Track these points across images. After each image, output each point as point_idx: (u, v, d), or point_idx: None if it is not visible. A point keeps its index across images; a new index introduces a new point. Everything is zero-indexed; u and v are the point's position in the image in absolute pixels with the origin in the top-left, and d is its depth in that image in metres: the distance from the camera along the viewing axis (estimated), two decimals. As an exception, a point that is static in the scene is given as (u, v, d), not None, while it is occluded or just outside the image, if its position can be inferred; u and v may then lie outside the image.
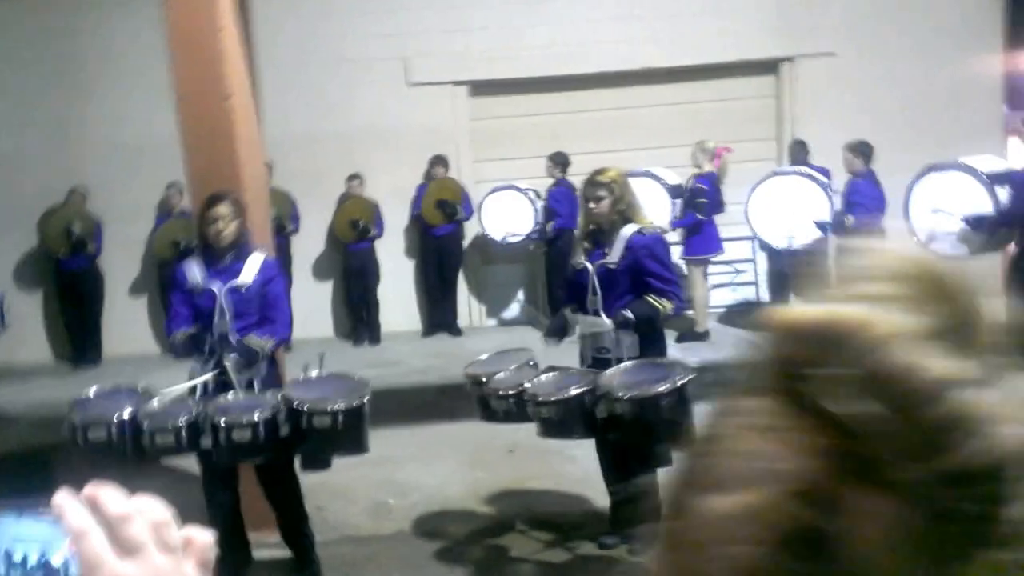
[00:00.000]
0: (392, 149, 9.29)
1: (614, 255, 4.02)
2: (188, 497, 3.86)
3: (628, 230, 4.03)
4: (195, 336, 3.91)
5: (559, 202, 8.43)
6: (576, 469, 4.64)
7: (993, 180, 6.44)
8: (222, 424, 3.57)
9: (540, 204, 8.64)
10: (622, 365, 3.85)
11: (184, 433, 3.60)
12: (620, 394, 3.62)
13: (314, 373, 4.00)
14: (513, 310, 9.85)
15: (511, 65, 9.28)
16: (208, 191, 4.08)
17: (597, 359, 4.00)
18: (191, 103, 4.47)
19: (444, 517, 4.85)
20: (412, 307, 9.62)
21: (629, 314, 3.93)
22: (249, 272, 3.97)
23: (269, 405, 3.68)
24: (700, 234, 7.96)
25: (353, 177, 9.06)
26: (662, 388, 3.58)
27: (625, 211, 4.06)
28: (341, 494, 5.13)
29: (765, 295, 9.30)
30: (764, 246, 8.44)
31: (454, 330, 9.26)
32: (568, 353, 4.26)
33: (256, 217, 4.54)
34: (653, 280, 4.01)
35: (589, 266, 4.05)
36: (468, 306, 9.71)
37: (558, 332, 4.29)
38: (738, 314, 9.04)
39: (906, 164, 6.88)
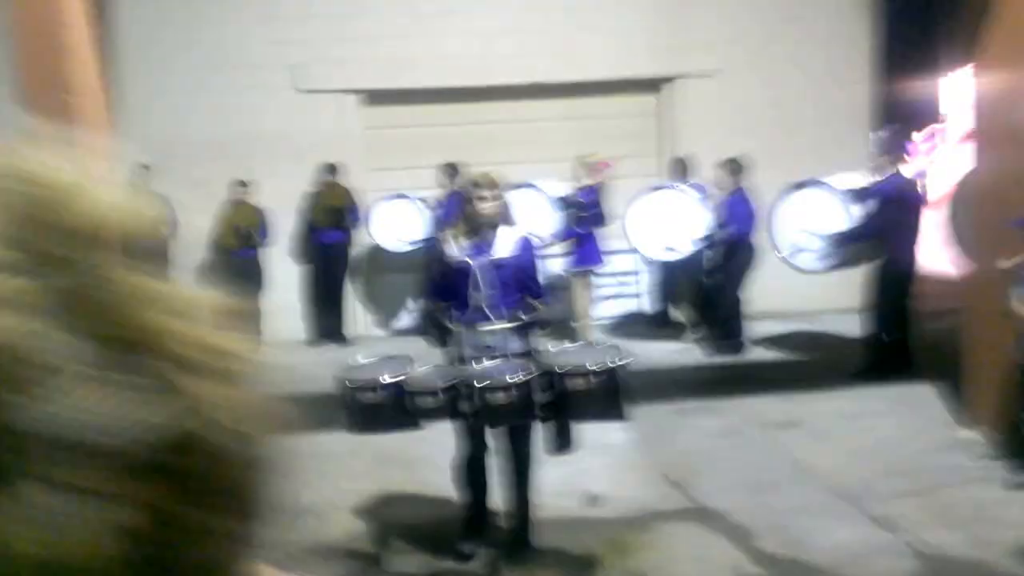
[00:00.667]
0: (282, 157, 9.16)
1: (502, 251, 4.05)
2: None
3: (513, 230, 4.12)
4: None
5: (451, 212, 8.71)
6: (438, 476, 4.61)
7: (853, 198, 6.97)
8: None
9: (431, 214, 8.72)
10: (562, 347, 4.20)
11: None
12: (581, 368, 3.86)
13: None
14: (403, 319, 9.88)
15: (404, 75, 9.36)
16: None
17: (476, 358, 3.98)
18: (35, 98, 4.35)
19: (292, 529, 4.87)
20: (299, 315, 9.50)
21: (527, 318, 4.06)
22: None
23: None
24: (582, 246, 8.17)
25: (240, 184, 8.88)
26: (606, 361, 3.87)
27: (505, 212, 4.12)
28: None
29: (655, 305, 9.70)
30: (646, 259, 8.79)
31: (341, 339, 9.21)
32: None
33: None
34: (533, 282, 4.16)
35: (474, 262, 4.03)
36: (355, 316, 9.67)
37: (442, 334, 4.17)
38: (624, 325, 9.48)
39: (782, 181, 7.34)
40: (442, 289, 4.17)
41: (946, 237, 7.24)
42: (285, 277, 9.40)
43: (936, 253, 7.69)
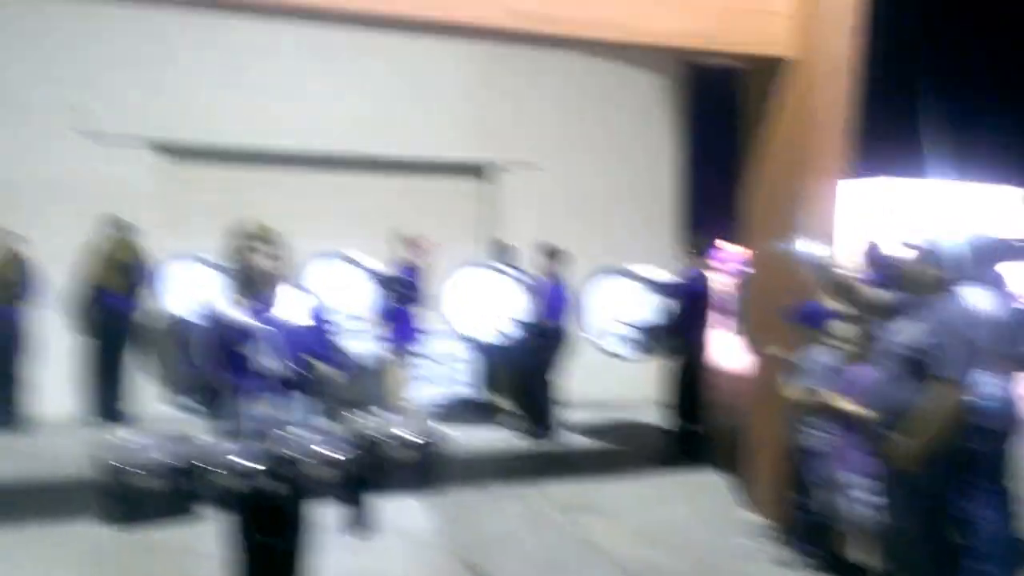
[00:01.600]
0: (62, 207, 8.34)
1: (286, 314, 3.75)
2: None
3: (294, 289, 3.84)
4: None
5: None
6: (211, 568, 4.19)
7: (656, 290, 7.33)
8: None
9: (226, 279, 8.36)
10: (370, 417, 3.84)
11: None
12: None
13: None
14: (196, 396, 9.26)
15: (209, 132, 8.88)
16: None
17: (260, 431, 3.61)
18: None
19: None
20: (70, 389, 8.54)
21: (320, 386, 3.80)
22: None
23: None
24: (398, 325, 8.08)
25: (6, 234, 8.04)
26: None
27: (285, 268, 3.84)
28: None
29: (470, 390, 9.58)
30: (467, 341, 8.63)
31: (119, 418, 8.26)
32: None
33: None
34: (323, 343, 3.86)
35: (259, 325, 3.69)
36: (138, 391, 8.77)
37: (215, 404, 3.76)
38: (440, 408, 9.16)
39: (592, 269, 7.66)
40: (217, 358, 3.76)
41: (734, 331, 7.77)
42: (57, 344, 8.45)
43: (729, 348, 8.18)
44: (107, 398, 8.52)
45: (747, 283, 7.01)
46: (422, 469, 3.78)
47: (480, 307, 8.06)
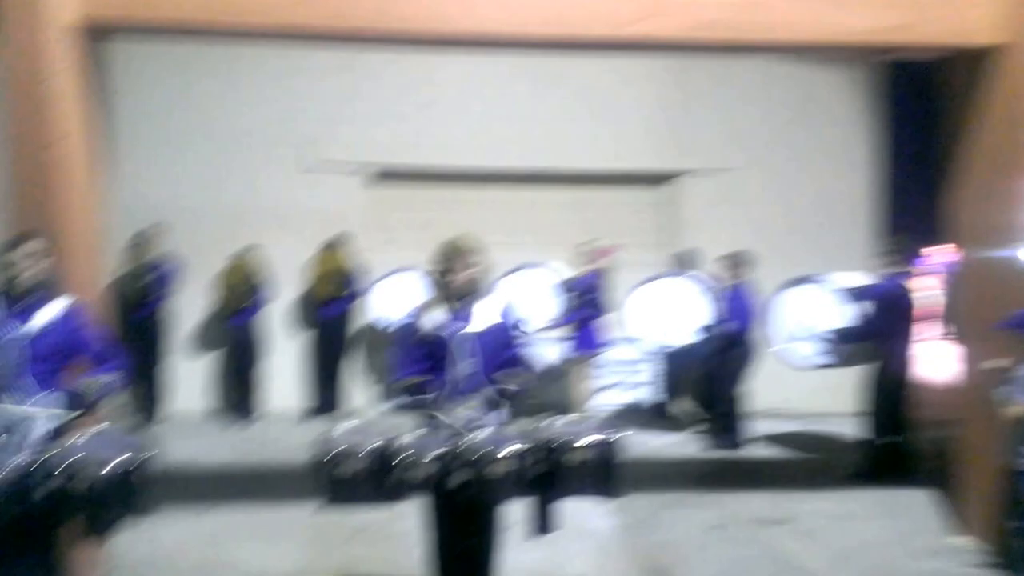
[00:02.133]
0: (287, 229, 9.28)
1: (483, 321, 4.00)
2: None
3: (492, 298, 4.09)
4: None
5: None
6: (415, 555, 4.40)
7: (850, 297, 6.98)
8: None
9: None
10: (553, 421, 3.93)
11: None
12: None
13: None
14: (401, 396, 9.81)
15: (414, 155, 9.49)
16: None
17: (455, 432, 3.85)
18: (19, 146, 4.50)
19: None
20: (296, 388, 9.45)
21: (513, 390, 3.99)
22: (43, 318, 3.79)
23: (23, 463, 3.45)
24: (580, 333, 8.20)
25: (248, 249, 8.94)
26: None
27: (484, 280, 4.11)
28: (156, 571, 5.04)
29: (654, 397, 9.57)
30: (652, 349, 8.64)
31: (336, 414, 9.01)
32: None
33: (78, 273, 4.52)
34: (516, 350, 4.09)
35: (457, 331, 3.97)
36: (353, 391, 9.58)
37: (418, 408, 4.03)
38: (622, 416, 9.19)
39: (782, 277, 7.38)
40: (419, 362, 4.04)
41: (941, 339, 7.26)
42: (283, 348, 9.42)
43: (935, 358, 7.69)
44: (326, 395, 9.31)
45: (955, 289, 6.57)
46: (605, 473, 3.81)
47: (665, 314, 8.01)
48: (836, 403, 8.71)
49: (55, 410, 3.75)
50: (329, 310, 9.21)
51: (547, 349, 9.29)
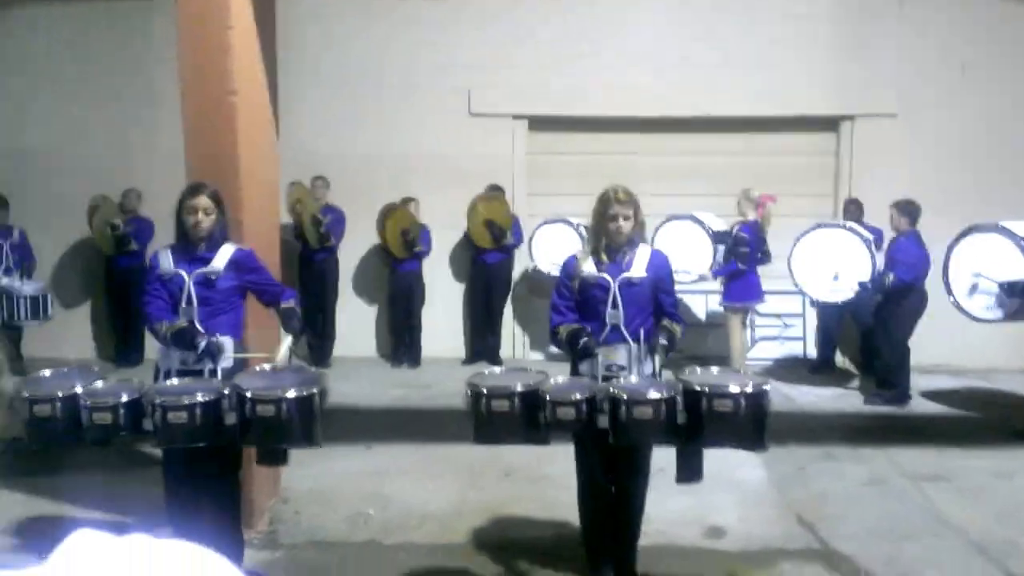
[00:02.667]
0: (448, 176, 9.55)
1: (637, 270, 4.03)
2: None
3: (646, 247, 4.14)
4: (184, 329, 3.98)
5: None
6: (568, 497, 4.47)
7: None
8: (159, 404, 3.61)
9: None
10: (704, 370, 3.95)
11: (122, 411, 3.63)
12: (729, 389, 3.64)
13: (280, 360, 4.08)
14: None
15: (571, 103, 9.52)
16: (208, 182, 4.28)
17: (607, 377, 3.94)
18: (194, 96, 4.63)
19: (419, 531, 4.92)
20: (457, 334, 9.80)
21: (664, 340, 3.99)
22: (220, 261, 4.09)
23: (213, 389, 3.71)
24: (740, 281, 7.97)
25: (408, 200, 9.31)
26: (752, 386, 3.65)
27: (641, 229, 4.13)
28: (324, 500, 5.32)
29: (815, 349, 9.35)
30: (813, 301, 8.41)
31: (496, 360, 9.29)
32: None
33: (253, 216, 4.75)
34: (668, 299, 4.11)
35: (610, 280, 4.03)
36: (512, 338, 9.85)
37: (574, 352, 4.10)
38: (783, 367, 9.18)
39: (959, 225, 7.00)
40: (573, 310, 4.14)
41: None
42: (446, 295, 9.76)
43: None
44: (485, 340, 9.62)
45: None
46: (754, 424, 3.78)
47: (829, 265, 7.72)
48: (1006, 359, 8.26)
49: (236, 345, 4.13)
50: (488, 256, 9.44)
51: (702, 299, 9.27)
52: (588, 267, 4.11)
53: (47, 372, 4.00)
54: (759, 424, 3.79)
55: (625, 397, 3.74)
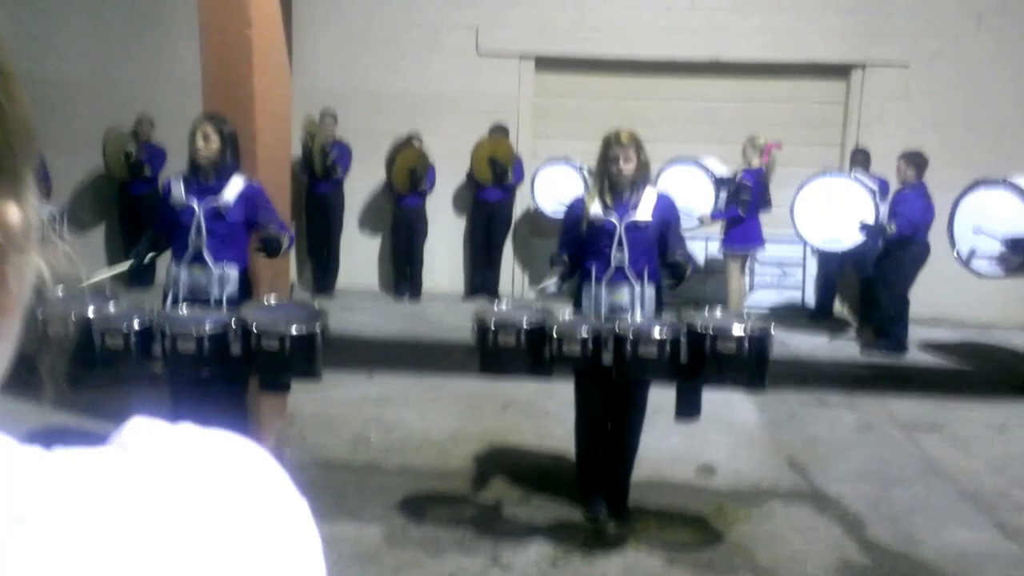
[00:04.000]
0: (454, 114, 9.52)
1: (643, 212, 4.05)
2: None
3: (652, 190, 4.15)
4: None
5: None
6: (564, 431, 4.65)
7: None
8: (168, 332, 3.71)
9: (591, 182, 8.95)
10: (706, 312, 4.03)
11: (133, 338, 3.72)
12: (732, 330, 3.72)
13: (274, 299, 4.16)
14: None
15: (579, 43, 9.42)
16: (223, 113, 4.34)
17: (612, 317, 3.99)
18: (212, 30, 4.66)
19: (418, 456, 5.05)
20: (457, 270, 9.87)
21: (670, 276, 4.08)
22: (230, 193, 4.14)
23: (220, 321, 3.80)
24: (740, 227, 8.00)
25: (413, 137, 9.26)
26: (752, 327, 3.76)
27: (646, 173, 4.15)
28: (327, 425, 5.46)
29: (815, 297, 9.38)
30: (814, 249, 8.47)
31: (494, 296, 9.22)
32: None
33: (266, 148, 4.79)
34: (678, 241, 4.13)
35: (616, 222, 4.05)
36: (512, 275, 9.92)
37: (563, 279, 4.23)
38: (781, 315, 8.85)
39: (966, 179, 6.94)
40: (578, 249, 4.19)
41: None
42: (448, 231, 9.79)
43: None
44: (485, 276, 9.68)
45: None
46: (754, 366, 3.87)
47: (832, 213, 7.70)
48: (1007, 314, 8.32)
49: (242, 275, 4.19)
50: (490, 194, 9.45)
51: (705, 243, 9.30)
52: (595, 209, 4.14)
53: (60, 292, 4.03)
54: (760, 365, 3.89)
55: (631, 336, 3.82)
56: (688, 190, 8.11)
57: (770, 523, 4.38)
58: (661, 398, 4.25)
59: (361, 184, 9.64)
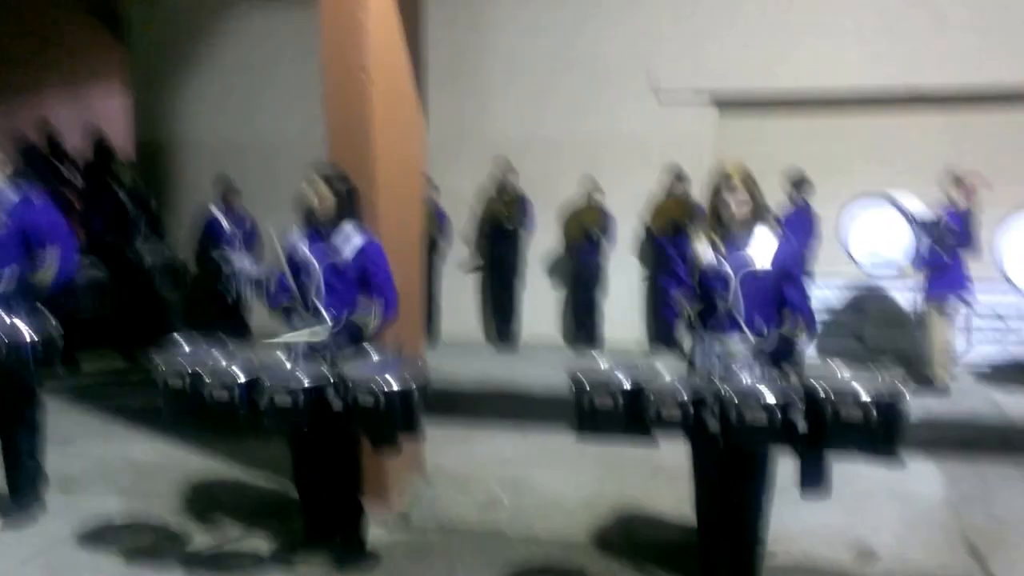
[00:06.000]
0: (632, 159, 9.33)
1: (761, 261, 3.70)
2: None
3: (770, 234, 3.76)
4: (287, 309, 4.19)
5: (791, 225, 7.79)
6: (675, 488, 4.32)
7: None
8: (267, 387, 3.82)
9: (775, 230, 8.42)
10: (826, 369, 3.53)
11: (238, 391, 3.85)
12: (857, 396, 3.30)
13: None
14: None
15: (762, 82, 9.01)
16: (343, 158, 4.42)
17: (721, 371, 3.68)
18: (332, 73, 4.70)
19: (545, 522, 4.83)
20: (638, 321, 9.60)
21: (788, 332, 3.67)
22: (349, 250, 4.14)
23: (319, 376, 3.85)
24: (944, 274, 7.25)
25: (590, 184, 9.21)
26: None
27: (761, 214, 3.77)
28: (464, 483, 5.34)
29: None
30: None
31: (677, 348, 8.99)
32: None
33: (389, 195, 4.79)
34: (795, 293, 3.73)
35: (731, 271, 3.70)
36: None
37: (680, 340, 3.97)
38: (997, 372, 8.21)
39: None
40: (690, 291, 3.85)
41: None
42: (626, 280, 9.55)
43: None
44: (666, 331, 9.13)
45: None
46: (882, 436, 3.37)
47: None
48: None
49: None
50: (664, 245, 9.08)
51: (902, 292, 8.48)
52: (707, 255, 3.80)
53: (185, 346, 4.23)
54: (891, 435, 3.38)
55: (736, 400, 3.43)
56: (883, 233, 7.45)
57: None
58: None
59: (541, 234, 9.60)
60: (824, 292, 8.68)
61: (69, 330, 4.70)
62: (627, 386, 3.63)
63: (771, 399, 3.42)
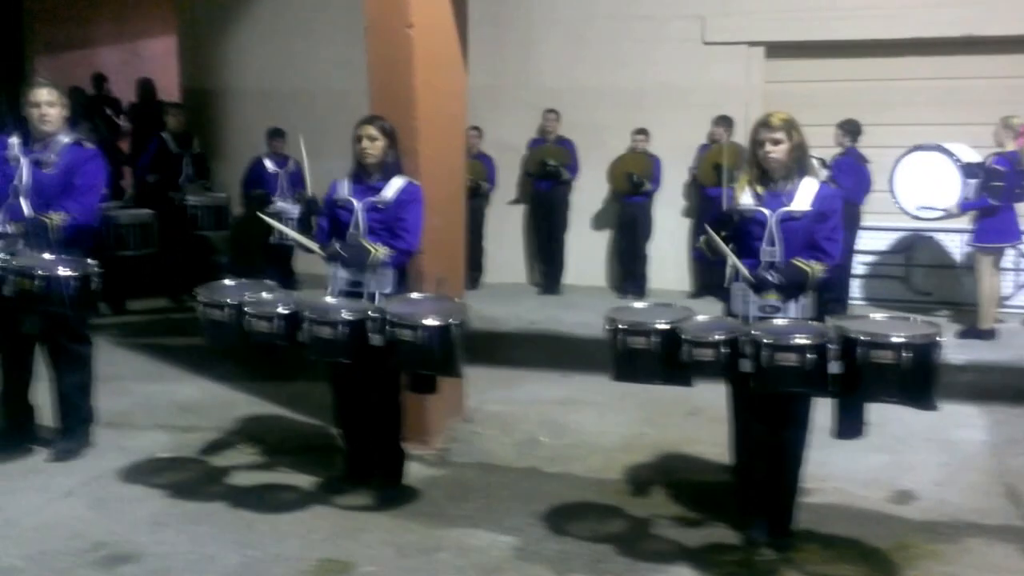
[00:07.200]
0: (680, 107, 9.24)
1: (800, 204, 3.69)
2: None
3: (813, 181, 3.76)
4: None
5: (843, 172, 7.83)
6: (712, 430, 4.34)
7: None
8: (307, 318, 3.90)
9: (824, 173, 8.31)
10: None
11: (278, 321, 3.95)
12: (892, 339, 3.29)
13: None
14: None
15: (810, 27, 8.82)
16: (386, 114, 4.44)
17: (757, 316, 3.69)
18: (376, 29, 4.79)
19: (582, 462, 4.89)
20: (684, 267, 9.58)
21: (773, 278, 3.63)
22: (390, 191, 4.22)
23: (359, 310, 3.92)
24: (993, 219, 7.08)
25: (639, 132, 9.13)
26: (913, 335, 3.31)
27: (802, 159, 3.76)
28: (504, 424, 5.44)
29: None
30: None
31: (723, 294, 8.90)
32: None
33: (431, 147, 4.85)
34: (821, 231, 3.70)
35: (768, 213, 3.71)
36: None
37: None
38: None
39: None
40: (728, 239, 3.82)
41: None
42: (673, 227, 9.50)
43: None
44: (711, 274, 8.82)
45: None
46: (916, 380, 3.36)
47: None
48: None
49: (392, 270, 4.24)
50: (717, 191, 8.99)
51: (955, 238, 8.34)
52: (745, 199, 3.80)
53: (227, 281, 4.42)
54: (925, 380, 3.38)
55: (767, 341, 3.45)
56: (931, 179, 7.37)
57: (960, 564, 3.75)
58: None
59: (586, 180, 9.56)
60: (873, 237, 8.58)
61: (117, 273, 4.79)
62: (661, 327, 3.64)
63: (804, 340, 3.42)
